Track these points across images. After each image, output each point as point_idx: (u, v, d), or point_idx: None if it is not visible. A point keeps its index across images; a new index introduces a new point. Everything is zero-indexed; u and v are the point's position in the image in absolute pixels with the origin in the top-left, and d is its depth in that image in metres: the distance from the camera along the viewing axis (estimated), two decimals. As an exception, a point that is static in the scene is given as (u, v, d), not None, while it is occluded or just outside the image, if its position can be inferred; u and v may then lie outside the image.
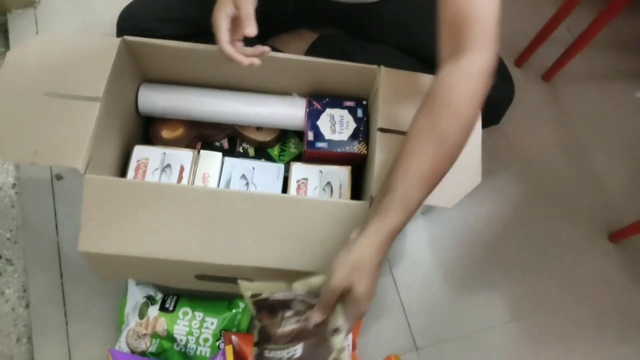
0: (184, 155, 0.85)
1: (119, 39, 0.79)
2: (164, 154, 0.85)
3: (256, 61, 0.71)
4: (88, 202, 0.71)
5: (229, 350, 0.80)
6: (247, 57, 0.71)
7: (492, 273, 1.00)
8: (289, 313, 0.65)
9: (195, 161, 0.85)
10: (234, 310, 0.86)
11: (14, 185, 1.01)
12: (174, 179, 0.82)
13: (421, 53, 0.90)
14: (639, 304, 1.00)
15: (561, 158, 1.13)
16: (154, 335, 0.81)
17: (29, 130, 0.72)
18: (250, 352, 0.82)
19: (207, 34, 0.80)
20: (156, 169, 0.83)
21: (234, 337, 0.84)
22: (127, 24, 0.87)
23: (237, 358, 0.83)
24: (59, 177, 1.00)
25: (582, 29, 1.08)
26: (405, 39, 0.92)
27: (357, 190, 0.87)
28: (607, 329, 0.98)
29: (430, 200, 0.68)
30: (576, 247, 1.04)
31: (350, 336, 0.87)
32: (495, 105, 0.86)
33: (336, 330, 0.62)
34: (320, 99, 0.89)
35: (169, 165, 0.84)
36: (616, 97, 1.23)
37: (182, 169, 0.84)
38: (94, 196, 0.71)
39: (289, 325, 0.65)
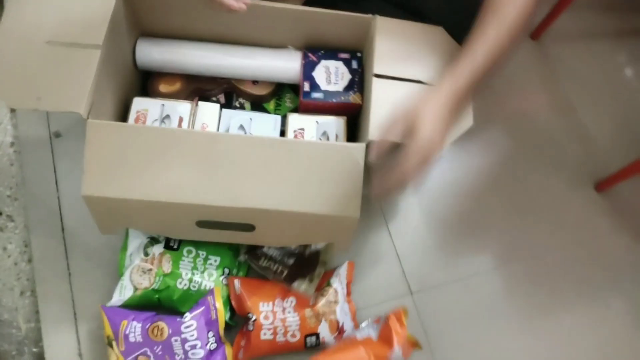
0: (182, 107, 0.86)
1: (116, -11, 0.80)
2: (163, 105, 0.86)
3: (243, 6, 0.75)
4: (91, 147, 0.73)
5: (217, 290, 0.83)
6: (236, 2, 0.73)
7: (482, 221, 1.04)
8: None
9: (193, 112, 0.87)
10: (234, 252, 0.88)
11: (12, 144, 1.02)
12: (173, 129, 0.84)
13: (414, 6, 0.92)
14: (623, 249, 1.05)
15: (549, 112, 1.17)
16: (159, 271, 0.84)
17: (31, 78, 0.73)
18: (250, 297, 0.85)
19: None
20: (155, 120, 0.85)
21: (236, 281, 0.87)
22: None
23: (238, 301, 0.86)
24: (58, 135, 1.01)
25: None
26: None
27: (353, 140, 0.90)
28: (592, 272, 1.02)
29: None
30: (563, 196, 1.08)
31: (344, 281, 0.91)
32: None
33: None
34: (316, 51, 0.91)
35: (167, 116, 0.86)
36: (603, 54, 1.27)
37: (180, 119, 0.85)
38: (97, 141, 0.73)
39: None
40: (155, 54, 0.90)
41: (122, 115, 0.87)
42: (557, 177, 1.10)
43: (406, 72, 0.81)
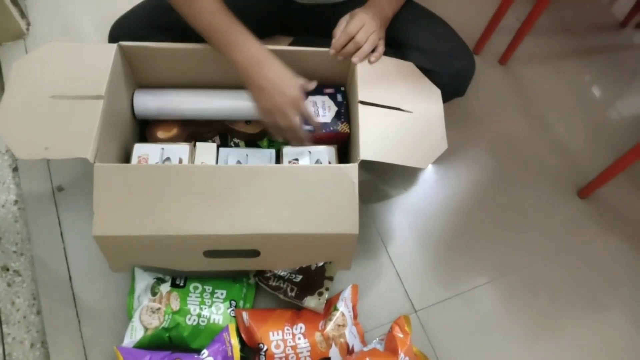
0: (181, 149, 0.91)
1: (115, 46, 0.87)
2: (162, 149, 0.91)
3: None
4: (99, 190, 0.77)
5: (232, 327, 0.85)
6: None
7: (476, 236, 1.08)
8: None
9: (192, 152, 0.91)
10: (239, 284, 0.91)
11: (16, 201, 1.05)
12: (174, 169, 0.88)
13: (389, 39, 0.99)
14: (613, 250, 1.09)
15: (526, 130, 1.24)
16: (167, 309, 0.85)
17: (38, 130, 0.78)
18: (259, 328, 0.87)
19: (190, 38, 0.89)
20: (156, 163, 0.89)
21: (244, 314, 0.88)
22: (118, 33, 0.94)
23: (247, 333, 0.88)
24: (60, 189, 1.05)
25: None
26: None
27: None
28: (586, 275, 1.06)
29: (408, 161, 0.83)
30: (550, 206, 1.13)
31: (350, 304, 0.93)
32: (461, 76, 0.97)
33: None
34: (302, 87, 0.98)
35: (168, 159, 0.90)
36: (568, 73, 1.36)
37: (180, 160, 0.90)
38: (104, 183, 0.77)
39: None
40: (151, 103, 0.95)
41: (125, 161, 0.91)
42: (542, 189, 1.15)
43: (386, 100, 0.88)
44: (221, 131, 1.02)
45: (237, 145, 1.02)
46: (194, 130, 1.00)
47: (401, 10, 0.98)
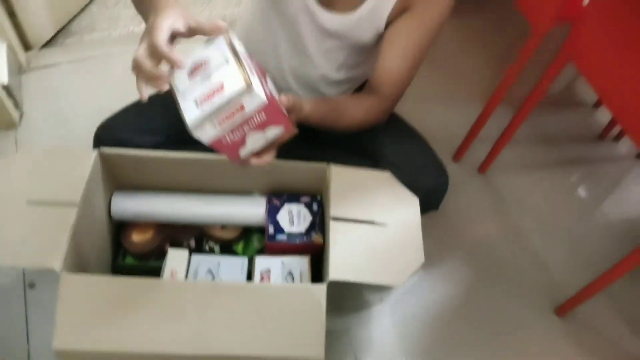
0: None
1: (96, 152, 0.89)
2: (135, 254, 0.91)
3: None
4: (63, 300, 0.76)
5: None
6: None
7: (455, 345, 1.06)
8: None
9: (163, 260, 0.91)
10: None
11: (-16, 296, 1.04)
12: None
13: (365, 151, 1.02)
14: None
15: (503, 242, 1.25)
16: None
17: (10, 236, 0.78)
18: None
19: (178, 143, 0.91)
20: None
21: None
22: (104, 135, 0.96)
23: None
24: (32, 285, 1.04)
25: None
26: (350, 142, 1.04)
27: (318, 276, 0.94)
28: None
29: (381, 279, 0.82)
30: (526, 324, 1.11)
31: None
32: (433, 192, 0.98)
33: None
34: (279, 195, 0.99)
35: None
36: (545, 184, 1.38)
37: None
38: (69, 294, 0.76)
39: None
40: (129, 206, 0.97)
41: (95, 267, 0.90)
42: (518, 303, 1.14)
43: (360, 214, 0.89)
44: (197, 235, 1.03)
45: (211, 249, 1.02)
46: (170, 233, 1.00)
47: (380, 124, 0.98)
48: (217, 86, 0.65)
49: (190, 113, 0.65)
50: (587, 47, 1.00)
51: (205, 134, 0.68)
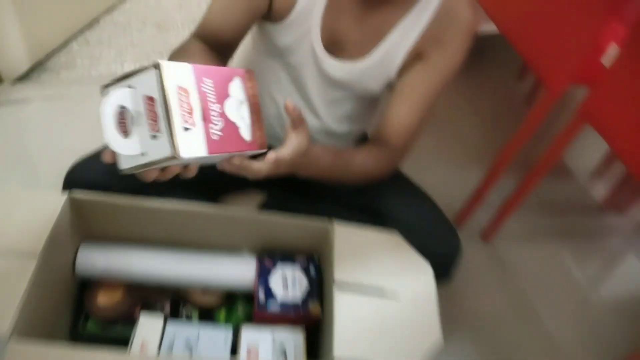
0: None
1: (65, 195, 0.78)
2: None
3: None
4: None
5: None
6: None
7: None
8: None
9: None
10: None
11: None
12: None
13: (367, 206, 0.93)
14: None
15: (512, 317, 1.16)
16: None
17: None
18: None
19: (154, 187, 0.80)
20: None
21: None
22: (75, 177, 0.87)
23: None
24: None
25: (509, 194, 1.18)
26: (350, 195, 0.95)
27: (313, 354, 0.81)
28: None
29: None
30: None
31: None
32: (445, 259, 0.90)
33: None
34: (272, 255, 0.88)
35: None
36: (551, 254, 1.32)
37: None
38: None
39: None
40: (97, 260, 0.83)
41: (53, 332, 0.76)
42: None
43: (367, 280, 0.78)
44: (173, 298, 0.89)
45: (189, 317, 0.88)
46: (142, 295, 0.87)
47: (386, 179, 0.91)
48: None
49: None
50: (609, 109, 0.94)
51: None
